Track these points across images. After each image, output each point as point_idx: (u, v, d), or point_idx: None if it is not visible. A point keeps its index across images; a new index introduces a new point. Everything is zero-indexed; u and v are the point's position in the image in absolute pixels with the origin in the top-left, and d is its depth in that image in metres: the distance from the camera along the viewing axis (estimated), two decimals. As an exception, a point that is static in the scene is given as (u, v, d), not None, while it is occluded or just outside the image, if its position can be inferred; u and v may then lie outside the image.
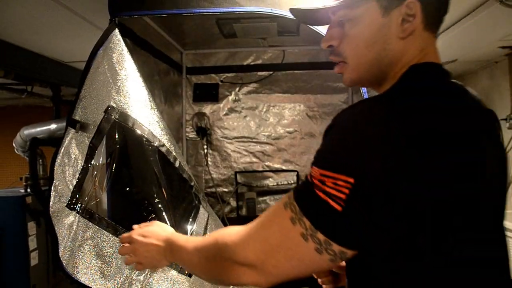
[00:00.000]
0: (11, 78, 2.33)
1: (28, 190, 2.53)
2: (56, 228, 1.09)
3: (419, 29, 0.67)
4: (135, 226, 0.93)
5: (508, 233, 1.97)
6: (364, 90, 1.13)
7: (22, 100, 3.71)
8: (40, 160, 2.81)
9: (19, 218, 2.40)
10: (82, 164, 1.10)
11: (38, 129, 2.77)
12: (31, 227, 2.47)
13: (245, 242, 0.65)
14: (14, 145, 2.90)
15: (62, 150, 1.14)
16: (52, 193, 1.11)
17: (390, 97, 0.61)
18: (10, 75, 2.29)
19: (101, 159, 1.11)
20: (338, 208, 0.54)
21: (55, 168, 1.11)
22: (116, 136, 1.11)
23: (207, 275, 0.76)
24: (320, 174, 0.57)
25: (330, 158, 0.58)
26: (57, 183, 1.10)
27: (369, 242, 0.56)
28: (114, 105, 1.09)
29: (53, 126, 2.76)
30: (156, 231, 0.88)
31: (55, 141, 2.87)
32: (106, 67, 1.09)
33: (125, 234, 0.92)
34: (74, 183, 1.10)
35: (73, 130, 1.13)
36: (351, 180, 0.54)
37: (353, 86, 0.74)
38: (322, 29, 1.08)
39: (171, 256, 0.83)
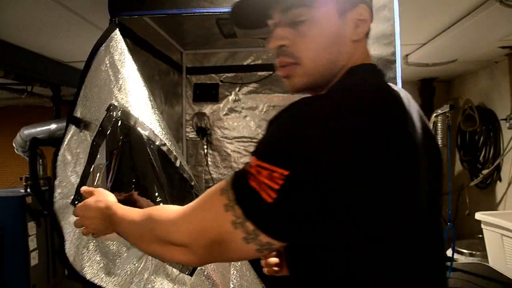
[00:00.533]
0: (11, 78, 2.33)
1: (28, 190, 2.53)
2: (61, 225, 1.10)
3: (366, 33, 0.71)
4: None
5: (507, 233, 1.96)
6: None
7: (22, 100, 3.72)
8: (40, 160, 2.82)
9: (19, 218, 2.40)
10: (85, 162, 1.10)
11: (38, 129, 2.77)
12: (31, 227, 2.47)
13: (179, 222, 0.66)
14: (14, 145, 2.90)
15: (64, 148, 1.12)
16: (56, 190, 1.10)
17: (329, 95, 0.62)
18: (10, 75, 2.29)
19: (103, 158, 1.10)
20: (269, 199, 0.55)
21: (57, 165, 1.10)
22: (118, 135, 1.10)
23: (144, 249, 0.77)
24: (256, 165, 0.57)
25: (268, 149, 0.59)
26: (60, 180, 1.09)
27: (298, 234, 0.57)
28: (116, 103, 1.09)
29: (53, 126, 2.76)
30: (100, 197, 0.91)
31: (55, 141, 2.87)
32: (108, 65, 1.09)
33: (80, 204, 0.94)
34: (78, 181, 1.09)
35: (74, 127, 1.12)
36: (286, 173, 0.54)
37: (299, 91, 0.72)
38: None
39: (112, 225, 0.85)
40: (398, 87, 0.72)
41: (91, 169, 1.10)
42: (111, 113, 1.08)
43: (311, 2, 0.67)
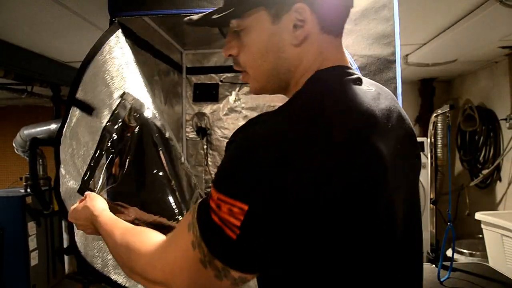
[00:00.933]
0: (11, 78, 2.33)
1: (28, 190, 2.53)
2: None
3: (314, 33, 0.64)
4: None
5: (507, 233, 1.96)
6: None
7: (22, 100, 3.72)
8: (40, 160, 2.82)
9: (19, 218, 2.40)
10: (94, 148, 1.04)
11: (38, 129, 2.77)
12: (31, 227, 2.47)
13: (155, 262, 0.63)
14: (14, 145, 2.90)
15: (68, 132, 1.05)
16: (61, 178, 1.04)
17: (288, 113, 0.57)
18: (10, 75, 2.29)
19: (115, 146, 1.06)
20: (233, 236, 0.52)
21: (61, 151, 1.03)
22: (132, 124, 1.09)
23: (126, 273, 0.75)
24: (217, 198, 0.54)
25: (226, 181, 0.55)
26: (65, 166, 1.03)
27: (268, 264, 0.56)
28: (129, 91, 1.07)
29: (53, 126, 2.76)
30: (89, 202, 0.90)
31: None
32: (113, 58, 1.07)
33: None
34: (84, 167, 1.04)
35: (79, 110, 1.05)
36: (245, 207, 0.51)
37: (259, 94, 0.72)
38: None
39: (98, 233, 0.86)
40: (369, 86, 0.65)
41: (101, 157, 1.05)
42: (125, 100, 1.06)
43: (239, 13, 0.64)
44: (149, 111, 1.11)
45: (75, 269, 3.49)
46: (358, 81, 0.64)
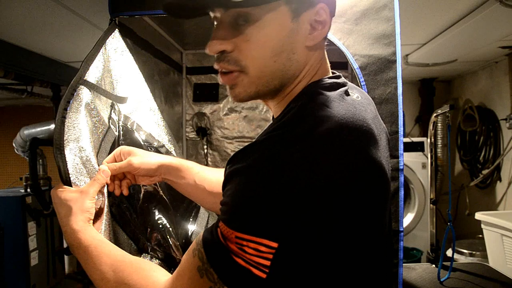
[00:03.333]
0: (11, 78, 2.33)
1: (28, 190, 2.54)
2: None
3: (325, 38, 0.61)
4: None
5: (507, 233, 1.95)
6: (362, 81, 1.11)
7: (22, 100, 3.72)
8: (40, 160, 2.82)
9: (19, 218, 2.40)
10: (101, 139, 0.95)
11: (38, 129, 2.77)
12: (31, 227, 2.48)
13: None
14: (14, 145, 2.90)
15: (76, 112, 0.86)
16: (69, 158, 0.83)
17: (297, 138, 0.51)
18: (10, 75, 2.29)
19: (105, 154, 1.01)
20: (262, 275, 0.49)
21: (68, 127, 0.84)
22: (118, 133, 1.07)
23: None
24: (236, 237, 0.49)
25: (246, 219, 0.50)
26: (72, 147, 0.85)
27: None
28: (116, 106, 1.07)
29: (53, 126, 2.75)
30: (69, 209, 0.75)
31: (55, 141, 2.87)
32: (107, 64, 1.07)
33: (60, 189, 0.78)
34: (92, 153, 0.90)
35: (87, 90, 0.92)
36: (274, 245, 0.48)
37: (242, 101, 0.64)
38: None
39: (71, 248, 0.74)
40: (355, 94, 0.62)
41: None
42: (114, 111, 1.06)
43: (260, 1, 0.55)
44: (134, 123, 1.10)
45: (75, 269, 3.49)
46: (348, 91, 0.61)
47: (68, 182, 0.78)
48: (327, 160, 0.49)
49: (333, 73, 0.67)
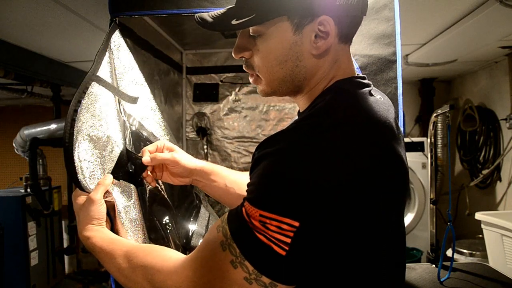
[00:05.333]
0: (11, 78, 2.33)
1: (28, 190, 2.54)
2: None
3: (334, 44, 0.65)
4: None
5: (507, 233, 1.95)
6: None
7: (22, 100, 3.72)
8: (40, 160, 2.82)
9: (19, 218, 2.40)
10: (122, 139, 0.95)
11: (38, 129, 2.78)
12: (31, 227, 2.48)
13: (186, 285, 0.60)
14: (14, 145, 2.90)
15: (86, 106, 0.83)
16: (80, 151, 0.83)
17: (326, 127, 0.56)
18: (10, 75, 2.29)
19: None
20: (282, 252, 0.52)
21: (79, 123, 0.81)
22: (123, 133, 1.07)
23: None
24: (260, 215, 0.53)
25: (271, 198, 0.53)
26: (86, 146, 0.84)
27: (313, 275, 0.56)
28: (121, 104, 1.06)
29: (53, 126, 2.76)
30: (78, 218, 0.81)
31: (55, 141, 2.88)
32: (109, 64, 1.07)
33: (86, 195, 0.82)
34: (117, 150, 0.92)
35: (97, 85, 0.90)
36: (296, 224, 0.51)
37: (268, 96, 0.73)
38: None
39: (90, 251, 0.78)
40: (378, 95, 0.68)
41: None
42: (120, 108, 1.05)
43: (261, 20, 0.63)
44: (136, 121, 1.10)
45: (75, 269, 3.49)
46: (371, 92, 0.66)
47: (78, 185, 0.82)
48: (354, 149, 0.54)
49: (358, 74, 0.72)
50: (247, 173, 0.76)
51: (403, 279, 0.69)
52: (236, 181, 0.97)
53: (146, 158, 0.91)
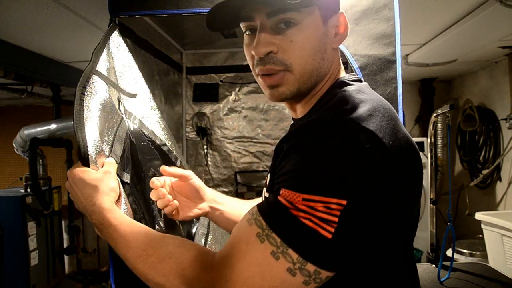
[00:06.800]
0: (11, 78, 2.33)
1: (28, 190, 2.54)
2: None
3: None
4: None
5: (507, 233, 1.95)
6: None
7: (22, 100, 3.72)
8: (40, 160, 2.82)
9: (19, 218, 2.40)
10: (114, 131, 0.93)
11: (38, 129, 2.77)
12: (31, 227, 2.48)
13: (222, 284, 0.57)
14: (14, 145, 2.90)
15: (96, 96, 0.84)
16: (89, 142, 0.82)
17: (348, 116, 0.58)
18: (10, 75, 2.29)
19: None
20: (328, 235, 0.52)
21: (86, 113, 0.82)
22: (124, 130, 1.07)
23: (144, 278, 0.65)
24: (303, 199, 0.52)
25: (314, 180, 0.53)
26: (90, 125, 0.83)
27: (352, 261, 0.56)
28: (122, 101, 1.06)
29: (53, 126, 2.76)
30: (96, 189, 0.75)
31: (55, 141, 2.88)
32: (109, 64, 1.07)
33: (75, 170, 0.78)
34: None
35: (100, 79, 0.91)
36: (344, 202, 0.51)
37: (282, 101, 0.71)
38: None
39: (101, 234, 0.73)
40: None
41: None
42: (120, 105, 1.05)
43: (299, 6, 0.62)
44: (136, 119, 1.10)
45: (75, 269, 3.49)
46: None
47: (86, 162, 0.78)
48: (382, 130, 0.57)
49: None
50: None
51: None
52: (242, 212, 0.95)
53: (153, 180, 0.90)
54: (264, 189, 0.75)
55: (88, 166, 0.78)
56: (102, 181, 0.77)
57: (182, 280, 0.60)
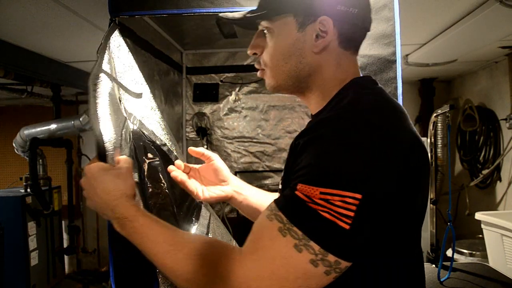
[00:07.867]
0: (11, 78, 2.33)
1: (28, 190, 2.54)
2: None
3: (334, 46, 0.70)
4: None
5: (507, 233, 1.95)
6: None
7: (22, 100, 3.71)
8: (40, 160, 2.82)
9: (19, 218, 2.40)
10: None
11: (38, 129, 2.78)
12: (31, 227, 2.48)
13: (253, 283, 0.58)
14: (14, 145, 2.90)
15: (105, 95, 0.86)
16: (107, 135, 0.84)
17: (360, 114, 0.62)
18: (10, 75, 2.29)
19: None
20: (346, 226, 0.54)
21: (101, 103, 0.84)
22: (126, 131, 1.07)
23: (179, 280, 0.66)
24: (320, 193, 0.55)
25: (331, 175, 0.56)
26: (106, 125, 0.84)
27: (368, 252, 0.58)
28: (122, 102, 1.06)
29: (53, 126, 2.76)
30: (121, 184, 0.75)
31: (55, 141, 2.88)
32: (109, 64, 1.07)
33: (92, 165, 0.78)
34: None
35: (107, 78, 0.92)
36: (359, 196, 0.54)
37: (275, 91, 0.78)
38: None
39: (123, 229, 0.72)
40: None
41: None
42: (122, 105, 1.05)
43: (270, 15, 0.72)
44: (136, 120, 1.10)
45: (75, 269, 3.49)
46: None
47: (104, 158, 0.80)
48: (397, 132, 0.61)
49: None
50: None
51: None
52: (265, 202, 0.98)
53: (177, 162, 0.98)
54: (280, 186, 0.77)
55: (106, 162, 0.80)
56: (126, 176, 0.78)
57: (210, 277, 0.61)
